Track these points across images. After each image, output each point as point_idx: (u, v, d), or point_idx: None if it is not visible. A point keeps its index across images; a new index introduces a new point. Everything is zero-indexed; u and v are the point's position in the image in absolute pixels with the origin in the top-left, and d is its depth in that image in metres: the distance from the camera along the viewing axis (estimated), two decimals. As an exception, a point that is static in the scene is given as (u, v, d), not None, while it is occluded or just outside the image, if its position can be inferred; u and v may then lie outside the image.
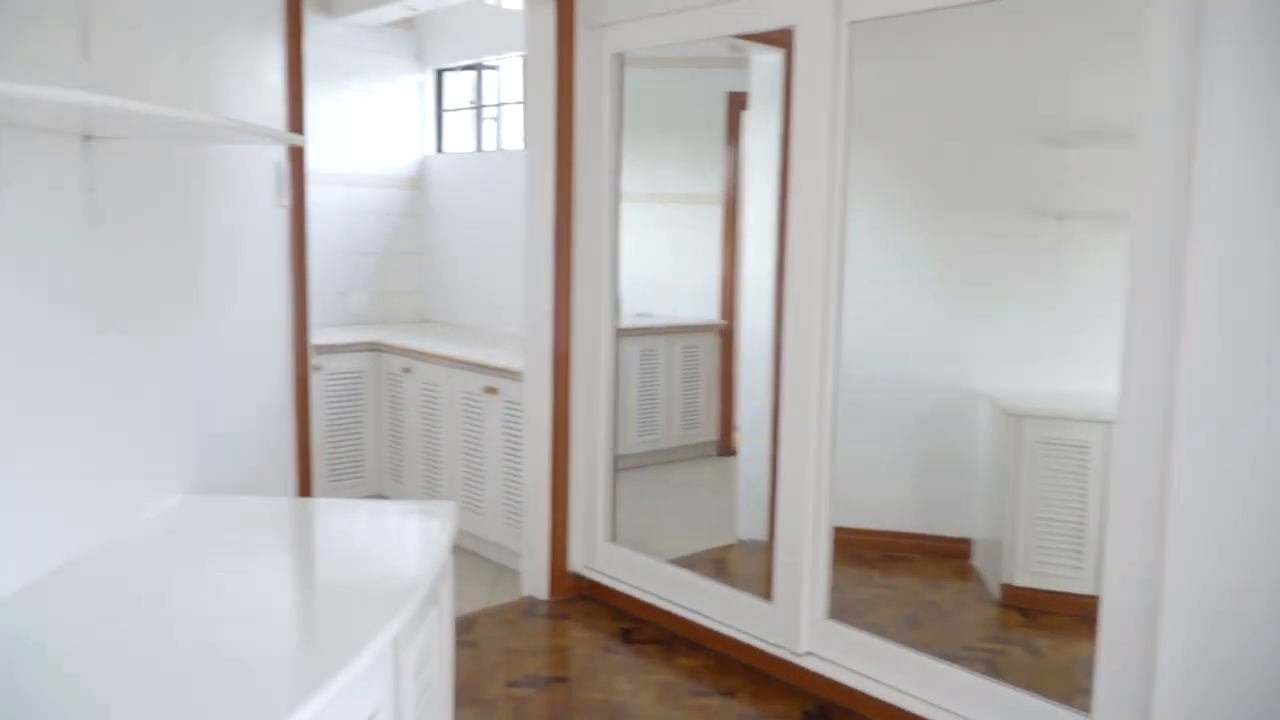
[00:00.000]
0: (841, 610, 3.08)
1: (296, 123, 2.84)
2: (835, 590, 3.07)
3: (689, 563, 3.73)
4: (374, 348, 4.68)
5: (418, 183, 5.46)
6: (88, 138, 1.85)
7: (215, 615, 1.66)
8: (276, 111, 2.77)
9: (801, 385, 3.00)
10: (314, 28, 4.94)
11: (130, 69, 2.04)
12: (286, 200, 2.83)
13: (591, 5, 3.55)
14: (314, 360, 4.38)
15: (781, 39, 3.01)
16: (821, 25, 2.86)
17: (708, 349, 5.31)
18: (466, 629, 3.47)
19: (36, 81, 1.57)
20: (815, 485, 3.00)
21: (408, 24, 5.30)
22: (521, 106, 3.74)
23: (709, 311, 5.29)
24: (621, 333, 4.88)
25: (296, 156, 2.85)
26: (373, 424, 4.71)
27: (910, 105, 3.98)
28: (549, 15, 3.56)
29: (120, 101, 1.49)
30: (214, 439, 2.48)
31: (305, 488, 2.95)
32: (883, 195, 4.11)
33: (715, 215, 5.15)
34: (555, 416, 3.73)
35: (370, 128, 5.27)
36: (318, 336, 4.60)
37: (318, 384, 4.44)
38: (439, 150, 5.49)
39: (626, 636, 3.47)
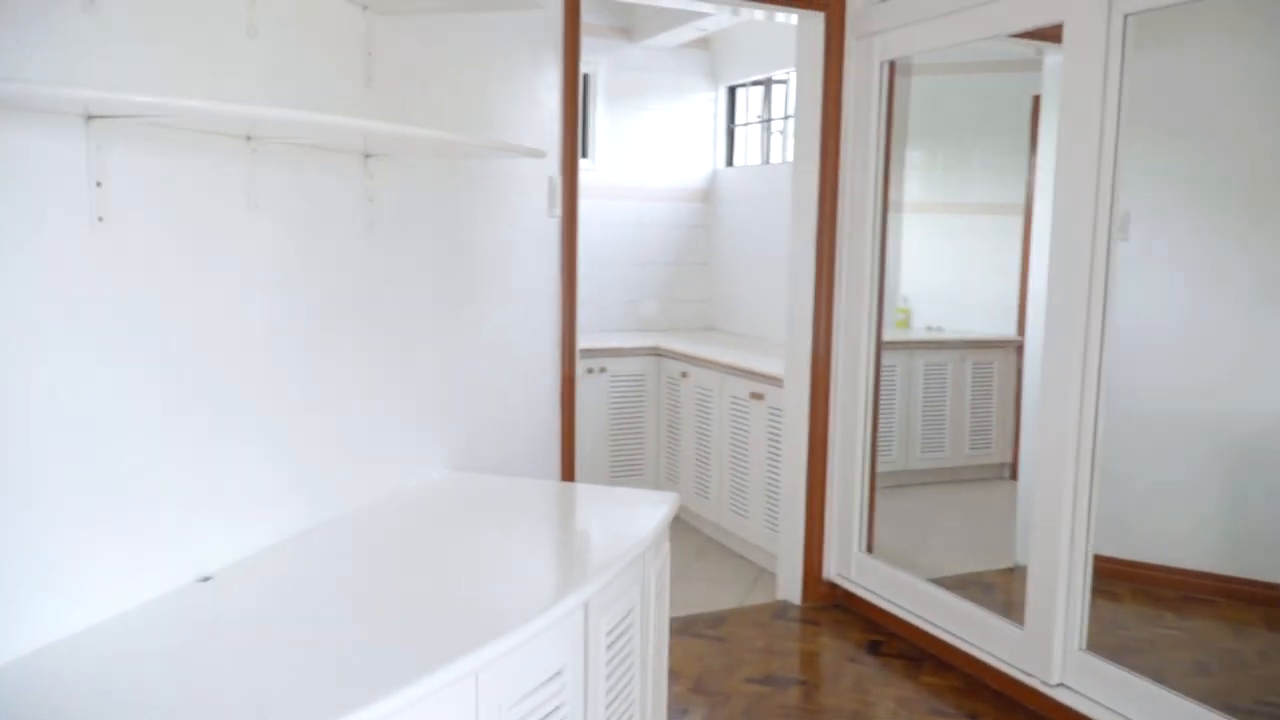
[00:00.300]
0: (1118, 648, 2.86)
1: (571, 141, 3.10)
2: (1117, 627, 2.86)
3: (958, 583, 3.60)
4: (655, 352, 4.92)
5: (708, 196, 5.68)
6: (368, 155, 2.17)
7: (445, 567, 1.90)
8: (551, 130, 3.03)
9: (1058, 403, 2.83)
10: (615, 52, 5.31)
11: (409, 94, 2.35)
12: (558, 211, 3.09)
13: (861, 15, 3.56)
14: (600, 362, 4.72)
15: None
16: (1092, 18, 2.70)
17: (1003, 365, 5.06)
18: (717, 624, 3.59)
19: (326, 110, 1.89)
20: (1072, 508, 2.82)
21: (702, 44, 5.54)
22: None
23: (1006, 326, 5.05)
24: (905, 345, 4.79)
25: (569, 170, 3.11)
26: (652, 425, 4.95)
27: (1220, 99, 3.62)
28: (818, 26, 3.61)
29: (378, 125, 1.76)
30: (480, 425, 2.78)
31: (568, 475, 3.19)
32: (1192, 201, 3.75)
33: (1016, 225, 4.92)
34: (813, 424, 3.75)
35: (665, 144, 5.55)
36: (605, 340, 4.93)
37: (603, 385, 4.76)
38: (729, 164, 5.68)
39: (874, 648, 3.42)
